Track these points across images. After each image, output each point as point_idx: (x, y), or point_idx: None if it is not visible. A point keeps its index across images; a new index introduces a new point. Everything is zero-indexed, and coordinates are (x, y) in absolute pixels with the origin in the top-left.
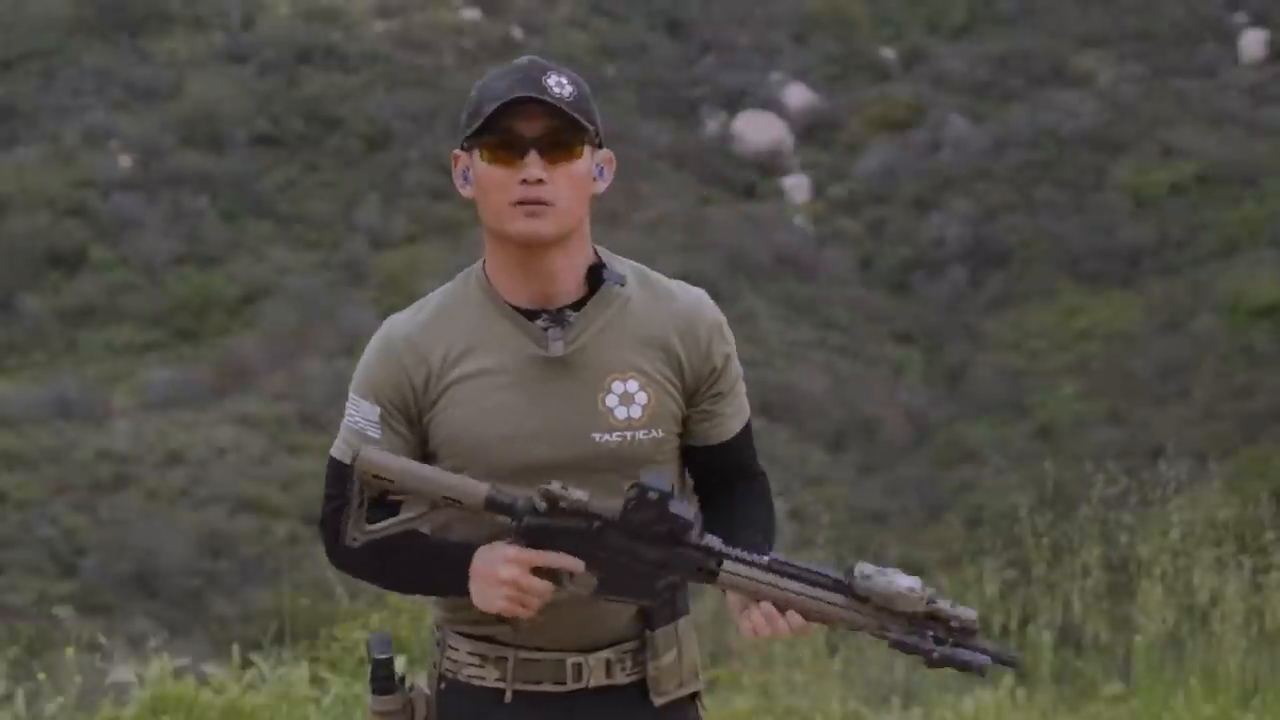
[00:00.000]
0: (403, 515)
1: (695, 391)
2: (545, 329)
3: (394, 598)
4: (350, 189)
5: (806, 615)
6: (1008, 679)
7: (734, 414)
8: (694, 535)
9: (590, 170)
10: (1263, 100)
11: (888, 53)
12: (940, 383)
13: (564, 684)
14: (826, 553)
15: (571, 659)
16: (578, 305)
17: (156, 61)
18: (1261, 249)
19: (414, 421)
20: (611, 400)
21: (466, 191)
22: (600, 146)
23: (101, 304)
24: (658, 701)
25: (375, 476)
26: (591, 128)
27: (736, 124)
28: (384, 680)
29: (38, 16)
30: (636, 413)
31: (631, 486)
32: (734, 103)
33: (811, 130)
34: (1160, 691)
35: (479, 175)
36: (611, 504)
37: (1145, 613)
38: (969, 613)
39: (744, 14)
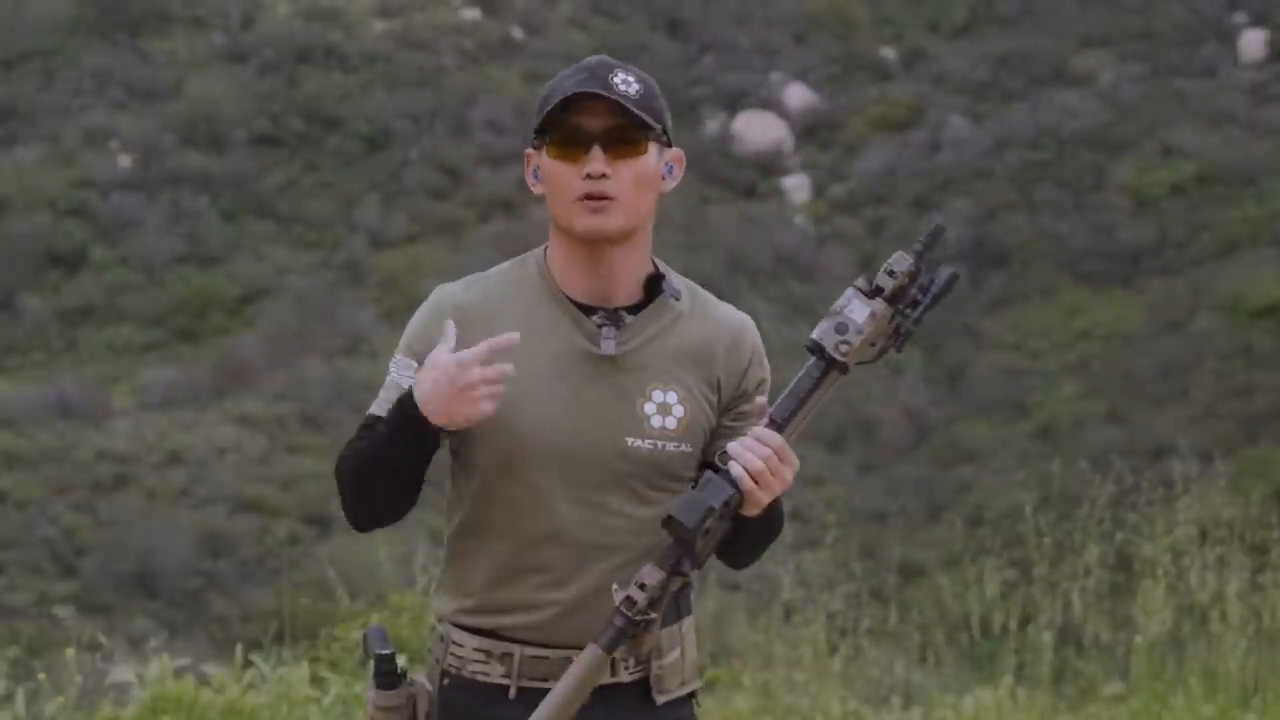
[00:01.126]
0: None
1: (727, 410)
2: (600, 326)
3: (394, 598)
4: (350, 189)
5: (822, 401)
6: (1007, 679)
7: None
8: (732, 497)
9: (657, 168)
10: (1263, 100)
11: (888, 53)
12: (940, 383)
13: None
14: (829, 553)
15: (577, 656)
16: (632, 310)
17: (156, 61)
18: (1261, 249)
19: None
20: (650, 408)
21: (537, 189)
22: (669, 144)
23: (101, 304)
24: (660, 700)
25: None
26: (658, 126)
27: (736, 124)
28: (387, 675)
29: (38, 16)
30: (672, 424)
31: (675, 527)
32: (734, 103)
33: (811, 130)
34: (1160, 691)
35: (545, 170)
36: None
37: (1145, 613)
38: (903, 262)
39: (744, 14)
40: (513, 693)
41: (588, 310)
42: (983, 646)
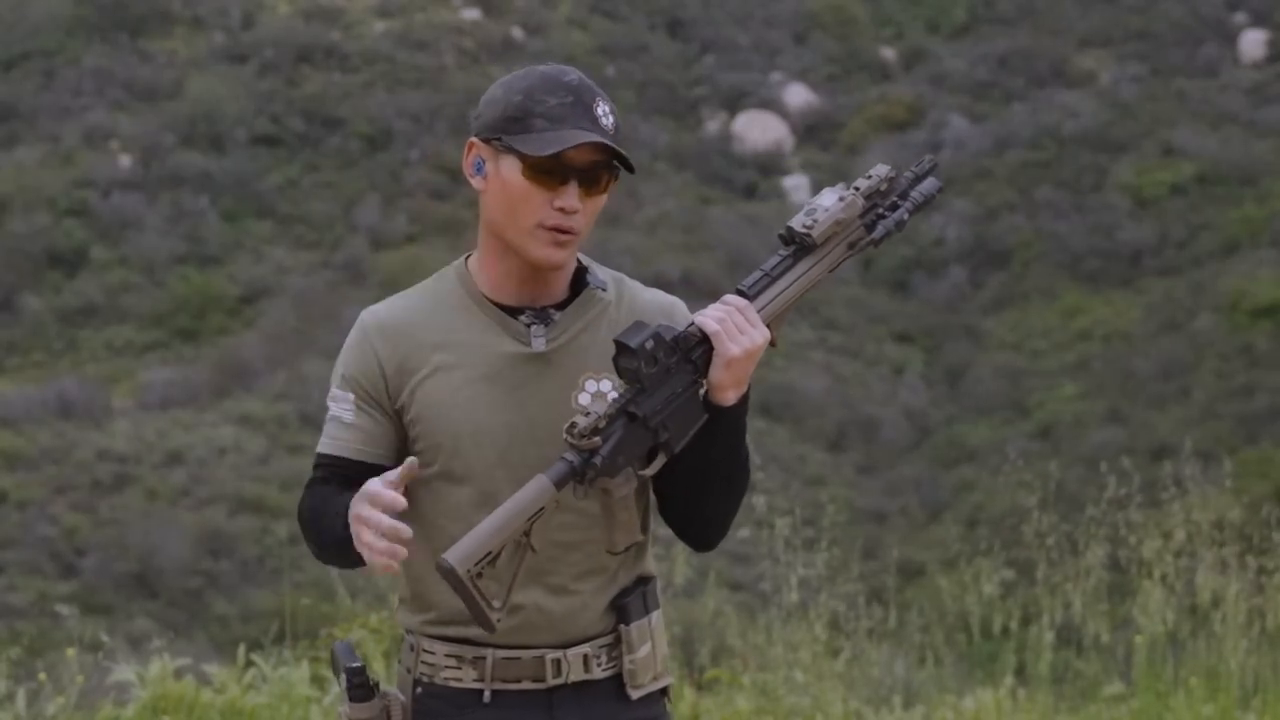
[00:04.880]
0: (514, 566)
1: None
2: (529, 325)
3: (394, 597)
4: (350, 189)
5: (803, 293)
6: (1007, 679)
7: None
8: (685, 333)
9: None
10: (1263, 100)
11: (888, 53)
12: (940, 383)
13: (543, 681)
14: (829, 553)
15: (550, 655)
16: (559, 306)
17: (156, 61)
18: (1261, 249)
19: (387, 409)
20: (584, 399)
21: (476, 183)
22: None
23: (101, 304)
24: (634, 695)
25: (478, 561)
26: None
27: (736, 124)
28: (359, 688)
29: (38, 16)
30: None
31: (620, 357)
32: (734, 103)
33: (811, 130)
34: (1160, 691)
35: (508, 183)
36: (621, 384)
37: (1146, 613)
38: (883, 168)
39: (744, 14)
40: (487, 696)
41: (515, 312)
42: (983, 646)
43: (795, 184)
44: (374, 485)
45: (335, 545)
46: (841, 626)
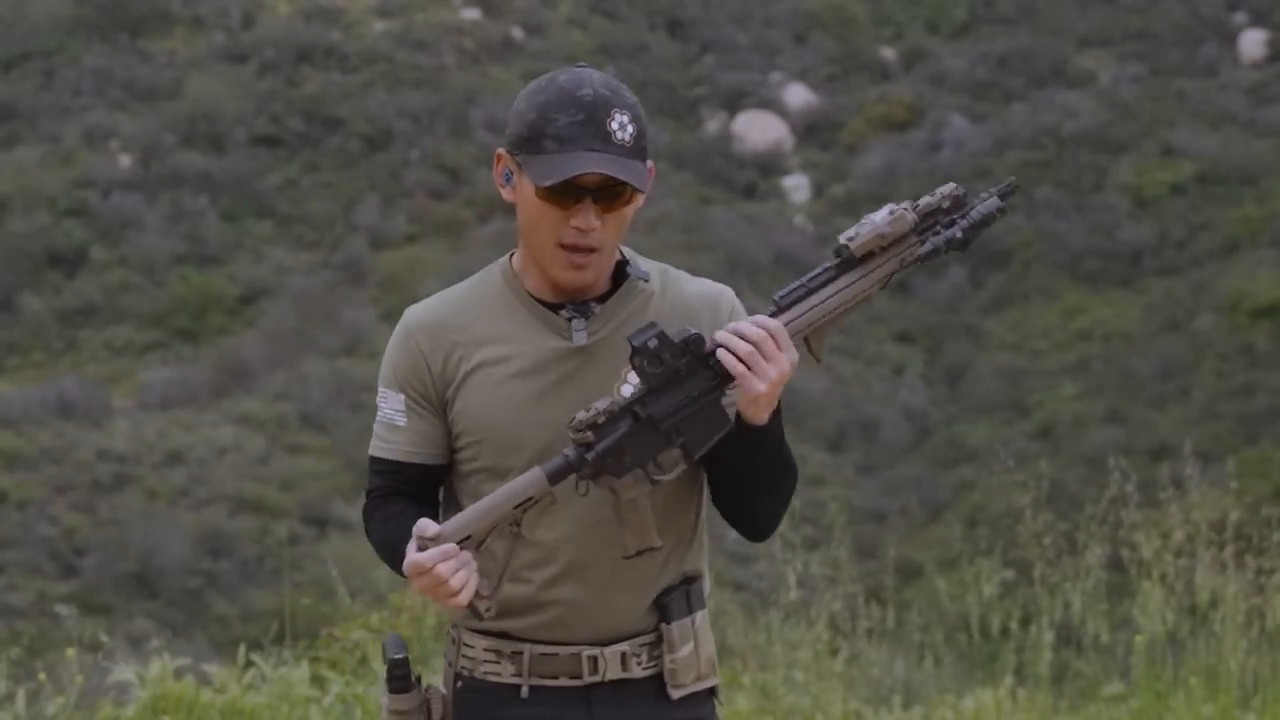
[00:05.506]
0: (505, 554)
1: None
2: (569, 319)
3: (394, 598)
4: (350, 189)
5: (847, 308)
6: (1007, 679)
7: None
8: (693, 335)
9: (637, 205)
10: (1263, 100)
11: (888, 53)
12: (940, 383)
13: (580, 678)
14: (829, 553)
15: (587, 652)
16: (602, 299)
17: (156, 61)
18: (1261, 249)
19: (437, 407)
20: (627, 390)
21: (506, 194)
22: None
23: (101, 304)
24: (675, 694)
25: (458, 541)
26: (648, 165)
27: (736, 124)
28: (400, 680)
29: (38, 16)
30: None
31: (631, 356)
32: (734, 103)
33: (811, 130)
34: (1160, 691)
35: (526, 201)
36: (628, 386)
37: (1145, 613)
38: (948, 186)
39: (744, 14)
40: (525, 691)
41: (556, 308)
42: (982, 646)
43: (795, 184)
44: (416, 557)
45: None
46: (841, 626)
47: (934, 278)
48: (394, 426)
